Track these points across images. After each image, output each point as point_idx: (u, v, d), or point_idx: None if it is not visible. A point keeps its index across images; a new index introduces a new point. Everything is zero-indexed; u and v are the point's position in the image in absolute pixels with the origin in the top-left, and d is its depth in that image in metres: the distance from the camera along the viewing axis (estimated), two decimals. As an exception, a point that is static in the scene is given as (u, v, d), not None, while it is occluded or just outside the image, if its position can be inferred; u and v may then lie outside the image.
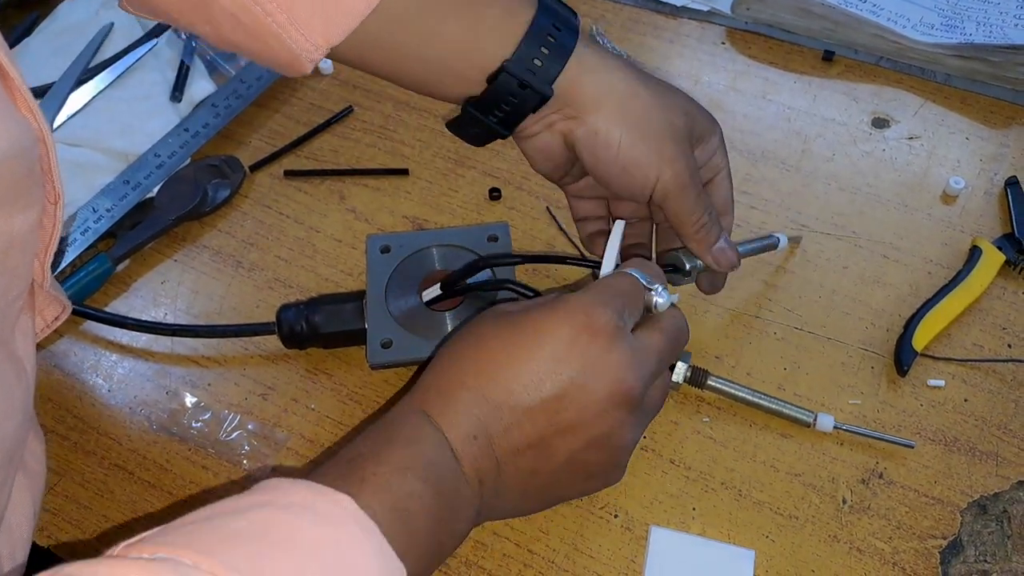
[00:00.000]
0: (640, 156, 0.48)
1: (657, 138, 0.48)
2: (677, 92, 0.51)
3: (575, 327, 0.42)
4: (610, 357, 0.43)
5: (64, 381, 0.58)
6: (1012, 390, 0.56)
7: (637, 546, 0.51)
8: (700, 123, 0.50)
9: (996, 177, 0.67)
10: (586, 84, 0.48)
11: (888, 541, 0.51)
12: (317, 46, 0.46)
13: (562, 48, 0.47)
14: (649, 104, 0.48)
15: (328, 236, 0.65)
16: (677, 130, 0.48)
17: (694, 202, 0.50)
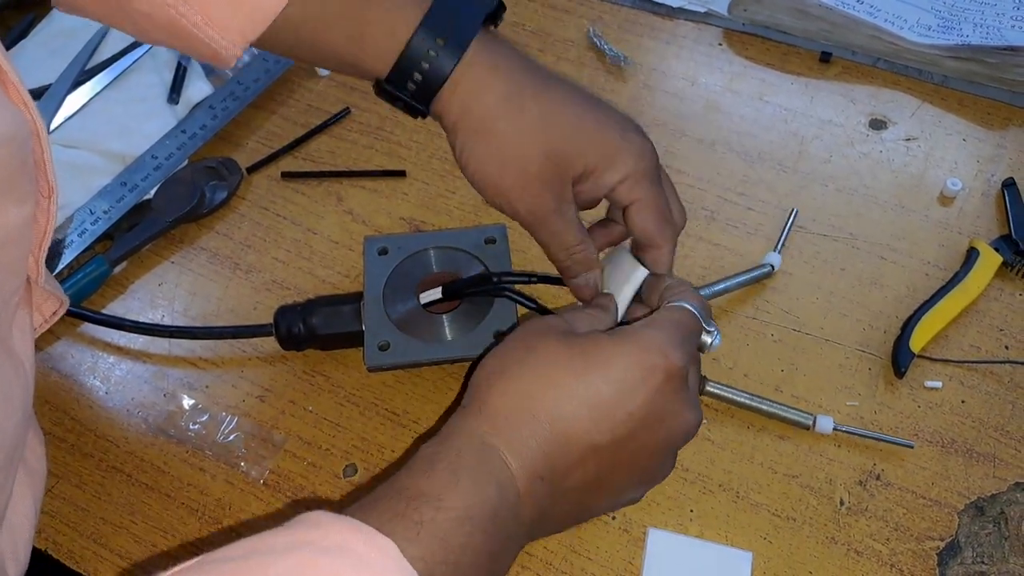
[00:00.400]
0: (485, 181, 0.48)
1: (500, 175, 0.47)
2: (561, 120, 0.47)
3: (650, 367, 0.41)
4: (678, 400, 0.43)
5: (61, 383, 0.58)
6: (1009, 391, 0.57)
7: (635, 548, 0.51)
8: (585, 156, 0.47)
9: (993, 178, 0.67)
10: (455, 105, 0.47)
11: (886, 543, 0.51)
12: (234, 43, 0.47)
13: (438, 71, 0.46)
14: (500, 140, 0.46)
15: (325, 238, 0.65)
16: (527, 171, 0.46)
17: (548, 238, 0.48)
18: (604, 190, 0.48)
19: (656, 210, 0.48)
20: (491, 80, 0.46)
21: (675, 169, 0.68)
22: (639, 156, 0.47)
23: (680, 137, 0.70)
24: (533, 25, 0.79)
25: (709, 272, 0.62)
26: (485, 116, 0.47)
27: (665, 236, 0.49)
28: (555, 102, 0.47)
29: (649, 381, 0.41)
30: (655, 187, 0.48)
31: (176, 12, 0.46)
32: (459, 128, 0.47)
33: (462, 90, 0.47)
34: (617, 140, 0.47)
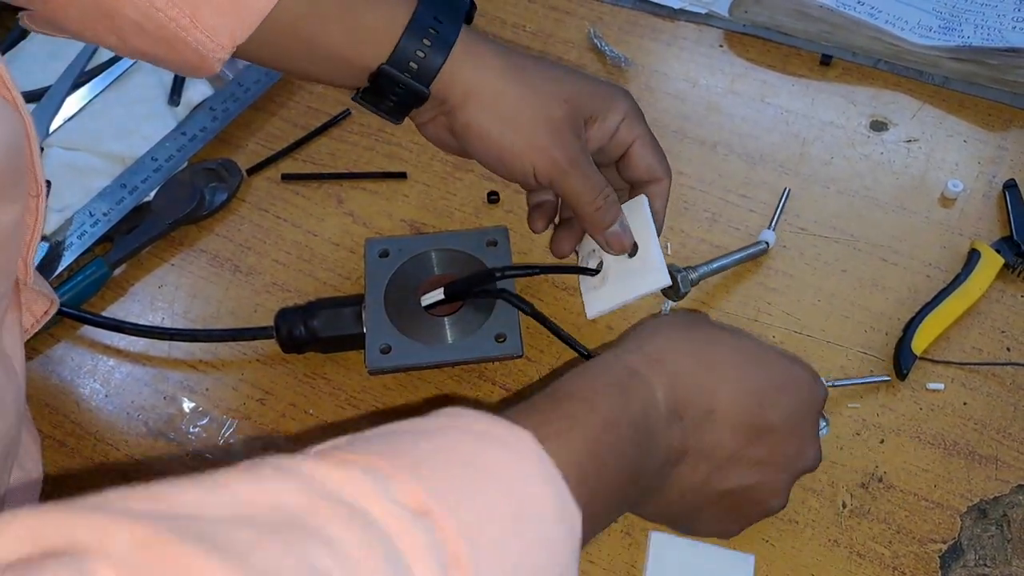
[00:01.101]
0: (512, 147, 0.50)
1: (528, 129, 0.50)
2: (561, 78, 0.52)
3: (807, 382, 0.46)
4: (812, 426, 0.47)
5: (61, 386, 0.58)
6: (1011, 393, 0.56)
7: (637, 551, 0.51)
8: (589, 104, 0.52)
9: (994, 180, 0.67)
10: (459, 82, 0.50)
11: (888, 545, 0.51)
12: (222, 46, 0.48)
13: (438, 50, 0.49)
14: (519, 97, 0.50)
15: (326, 240, 0.65)
16: (552, 119, 0.50)
17: (581, 185, 0.51)
18: (610, 131, 0.53)
19: (654, 143, 0.55)
20: (488, 57, 0.50)
21: (676, 171, 0.67)
22: (627, 99, 0.54)
23: (681, 139, 0.70)
24: (533, 26, 0.79)
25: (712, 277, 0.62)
26: (495, 87, 0.50)
27: (665, 167, 0.55)
28: (547, 66, 0.53)
29: (801, 391, 0.46)
30: (646, 125, 0.54)
31: (165, 16, 0.46)
32: (469, 106, 0.50)
33: (463, 68, 0.50)
34: (607, 87, 0.53)
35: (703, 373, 0.43)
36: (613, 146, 0.54)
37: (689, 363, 0.43)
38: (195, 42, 0.47)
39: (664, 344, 0.44)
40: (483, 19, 0.79)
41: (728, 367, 0.44)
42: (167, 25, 0.46)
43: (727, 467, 0.44)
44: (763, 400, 0.44)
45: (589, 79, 0.53)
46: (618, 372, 0.42)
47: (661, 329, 0.46)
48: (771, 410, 0.44)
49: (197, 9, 0.46)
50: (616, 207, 0.53)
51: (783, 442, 0.45)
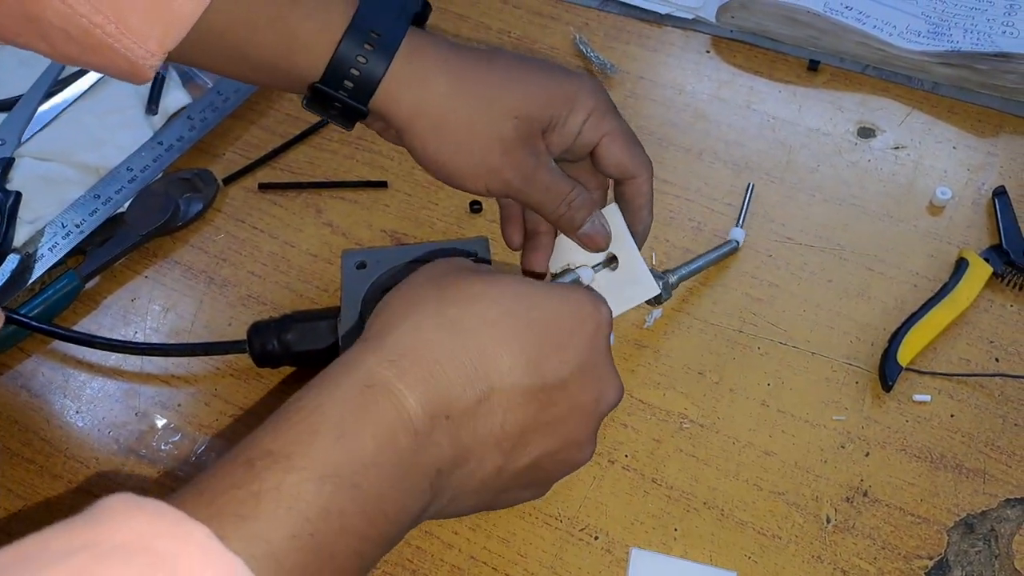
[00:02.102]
0: (462, 169, 0.47)
1: (478, 152, 0.47)
2: (511, 86, 0.47)
3: (584, 314, 0.41)
4: (607, 359, 0.42)
5: (31, 402, 0.57)
6: (1000, 405, 0.55)
7: (618, 568, 0.50)
8: (545, 111, 0.47)
9: (984, 187, 0.66)
10: (402, 102, 0.46)
11: (873, 562, 0.50)
12: (152, 53, 0.45)
13: (376, 65, 0.45)
14: (466, 118, 0.46)
15: (303, 251, 0.64)
16: (503, 139, 0.47)
17: (540, 198, 0.48)
18: (572, 134, 0.49)
19: (625, 138, 0.49)
20: (433, 69, 0.46)
21: (662, 179, 0.67)
22: (593, 92, 0.49)
23: (667, 147, 0.69)
24: (519, 32, 0.78)
25: (695, 283, 0.61)
26: (440, 105, 0.46)
27: (640, 163, 0.50)
28: (500, 70, 0.47)
29: (584, 328, 0.40)
30: (618, 119, 0.49)
31: (89, 22, 0.43)
32: (416, 126, 0.47)
33: (405, 86, 0.46)
34: (568, 83, 0.48)
35: (465, 351, 0.37)
36: (579, 147, 0.50)
37: (446, 344, 0.37)
38: (124, 49, 0.44)
39: (410, 330, 0.37)
40: (467, 24, 0.78)
41: (494, 332, 0.38)
42: (92, 31, 0.43)
43: (520, 445, 0.40)
44: (544, 356, 0.39)
45: (546, 77, 0.48)
46: (345, 393, 0.35)
47: (405, 306, 0.39)
48: (557, 364, 0.39)
49: (123, 15, 0.43)
50: (585, 207, 0.49)
51: (578, 392, 0.41)
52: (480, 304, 0.39)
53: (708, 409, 0.56)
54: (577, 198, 0.49)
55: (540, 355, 0.39)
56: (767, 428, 0.55)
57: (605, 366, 0.42)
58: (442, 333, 0.37)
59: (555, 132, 0.48)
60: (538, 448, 0.41)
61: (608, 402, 0.43)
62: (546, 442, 0.41)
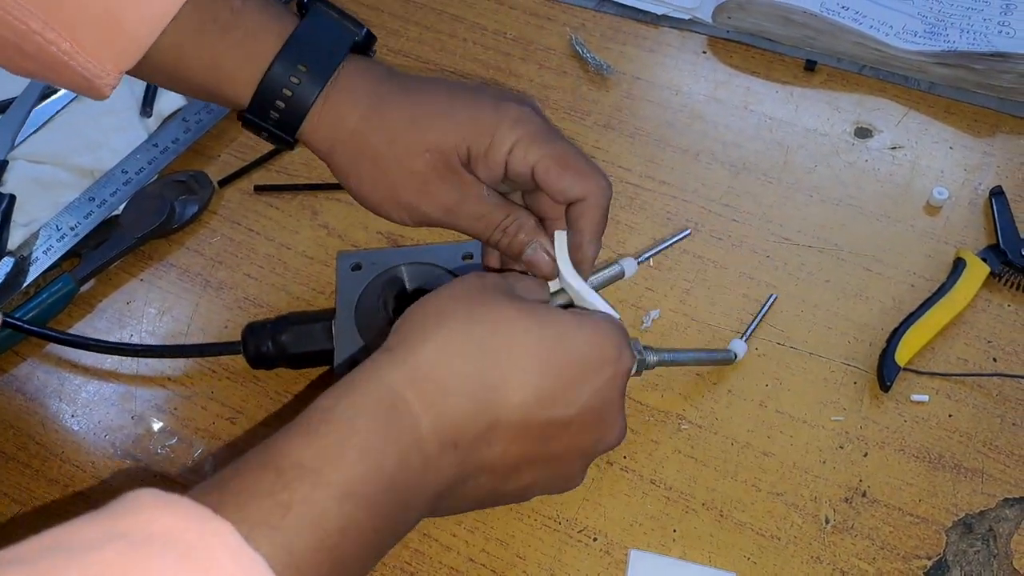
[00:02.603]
0: (383, 203, 0.47)
1: (393, 187, 0.46)
2: (425, 120, 0.46)
3: (606, 358, 0.40)
4: (617, 405, 0.42)
5: (26, 406, 0.57)
6: (997, 405, 0.55)
7: (616, 570, 0.50)
8: (462, 143, 0.45)
9: (980, 187, 0.66)
10: (321, 136, 0.46)
11: (872, 562, 0.50)
12: (108, 72, 0.45)
13: (300, 100, 0.45)
14: (376, 152, 0.46)
15: (299, 253, 0.63)
16: (415, 174, 0.45)
17: (472, 225, 0.47)
18: (499, 164, 0.46)
19: (559, 161, 0.45)
20: (353, 101, 0.46)
21: (659, 180, 0.67)
22: (518, 120, 0.45)
23: (664, 147, 0.69)
24: (515, 32, 0.78)
25: (693, 285, 0.61)
26: (355, 138, 0.46)
27: (580, 185, 0.46)
28: (419, 101, 0.46)
29: (601, 373, 0.40)
30: (551, 143, 0.46)
31: (43, 39, 0.43)
32: (335, 158, 0.47)
33: (326, 119, 0.46)
34: (491, 114, 0.45)
35: (482, 380, 0.37)
36: (514, 177, 0.47)
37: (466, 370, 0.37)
38: (79, 67, 0.44)
39: (435, 350, 0.37)
40: (462, 25, 0.78)
41: (514, 363, 0.38)
42: (47, 48, 0.43)
43: (514, 473, 0.40)
44: (555, 394, 0.39)
45: (469, 108, 0.46)
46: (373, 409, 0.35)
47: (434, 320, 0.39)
48: (565, 404, 0.39)
49: (76, 34, 0.43)
50: (523, 233, 0.47)
51: (579, 432, 0.41)
52: (508, 331, 0.38)
53: (706, 410, 0.55)
54: (511, 225, 0.47)
55: (552, 392, 0.39)
56: (765, 429, 0.55)
57: (612, 411, 0.42)
58: (464, 358, 0.37)
59: (479, 163, 0.46)
60: (530, 477, 0.42)
61: (607, 444, 0.44)
62: (539, 473, 0.42)
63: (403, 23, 0.78)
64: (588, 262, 0.48)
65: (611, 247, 0.63)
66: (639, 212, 0.65)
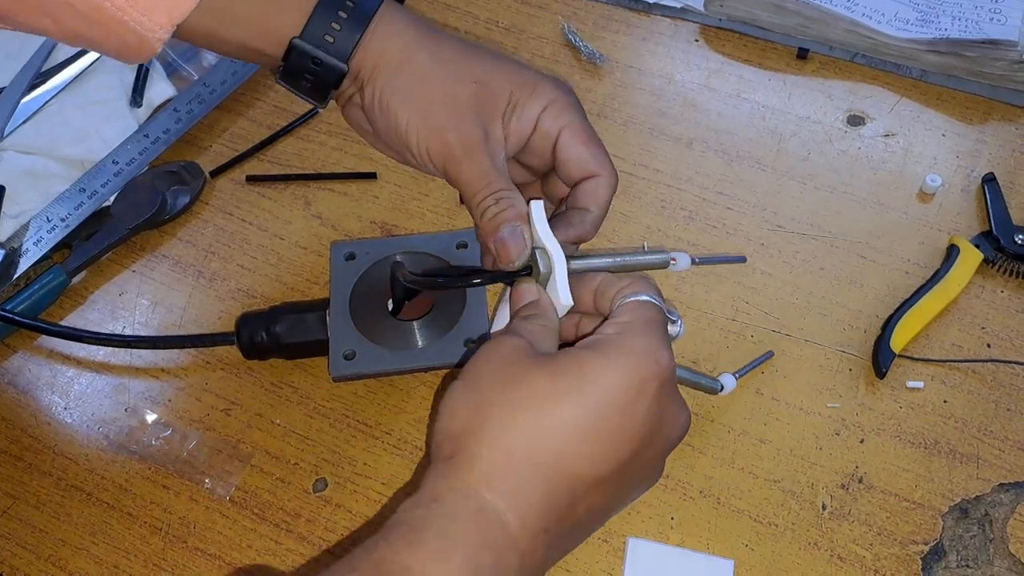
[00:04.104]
0: (408, 123, 0.46)
1: (427, 106, 0.46)
2: (478, 58, 0.47)
3: (644, 377, 0.38)
4: (672, 403, 0.40)
5: (18, 399, 0.56)
6: (992, 391, 0.56)
7: (615, 559, 0.50)
8: (505, 89, 0.47)
9: (973, 174, 0.66)
10: (370, 54, 0.47)
11: (869, 548, 0.50)
12: (162, 25, 0.45)
13: (355, 22, 0.46)
14: (424, 71, 0.46)
15: (293, 243, 0.63)
16: (456, 98, 0.46)
17: (469, 175, 0.46)
18: (530, 123, 0.47)
19: (585, 132, 0.47)
20: (406, 23, 0.47)
21: (652, 168, 0.67)
22: (557, 86, 0.48)
23: (657, 136, 0.69)
24: (507, 21, 0.77)
25: (688, 273, 0.61)
26: (404, 53, 0.46)
27: (600, 161, 0.47)
28: (470, 46, 0.48)
29: (646, 393, 0.38)
30: (580, 115, 0.48)
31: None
32: (376, 75, 0.47)
33: (377, 37, 0.46)
34: (533, 74, 0.48)
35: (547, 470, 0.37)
36: (538, 139, 0.47)
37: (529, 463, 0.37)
38: (132, 22, 0.44)
39: (493, 452, 0.37)
40: (455, 14, 0.77)
41: (568, 431, 0.37)
42: (102, 5, 0.43)
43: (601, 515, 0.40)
44: (617, 443, 0.38)
45: (516, 66, 0.48)
46: (464, 515, 0.36)
47: (475, 414, 0.38)
48: (630, 440, 0.38)
49: None
50: (509, 212, 0.45)
51: (649, 451, 0.40)
52: (549, 404, 0.37)
53: (703, 398, 0.55)
54: (507, 197, 0.45)
55: (611, 444, 0.38)
56: (762, 416, 0.55)
57: (672, 409, 0.40)
58: (522, 448, 0.37)
59: (514, 116, 0.47)
60: (618, 503, 0.41)
61: (677, 439, 0.42)
62: (625, 496, 0.41)
63: (394, 12, 0.78)
64: (582, 240, 0.48)
65: (605, 236, 0.62)
66: (633, 201, 0.65)
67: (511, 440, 0.37)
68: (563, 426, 0.37)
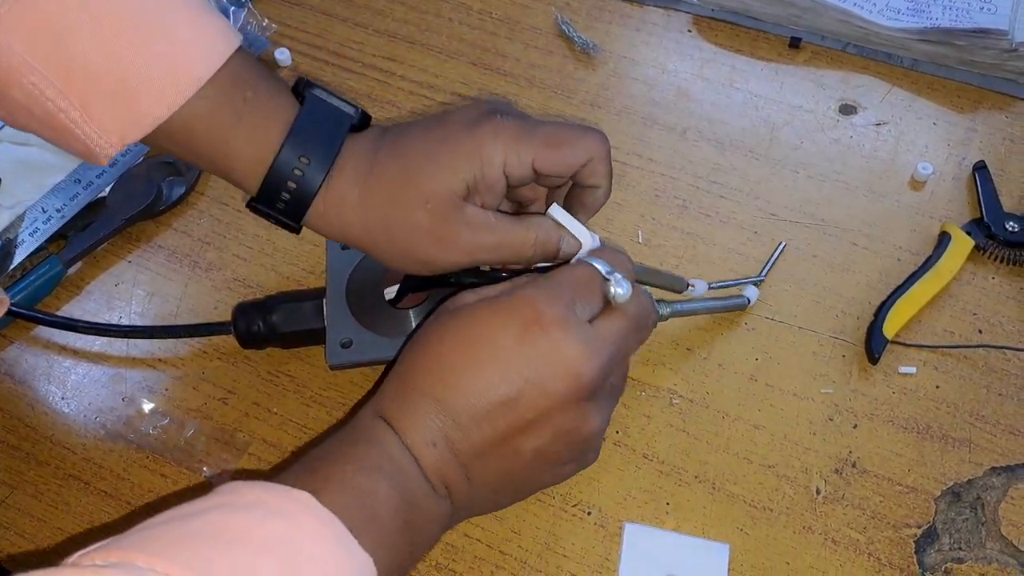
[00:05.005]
0: (408, 264, 0.48)
1: (408, 245, 0.47)
2: (416, 176, 0.46)
3: (523, 323, 0.42)
4: (562, 350, 0.42)
5: (15, 389, 0.56)
6: (984, 376, 0.56)
7: (611, 543, 0.50)
8: (457, 180, 0.46)
9: (964, 162, 0.67)
10: (330, 221, 0.48)
11: (863, 531, 0.50)
12: (112, 144, 0.45)
13: (304, 190, 0.46)
14: (383, 221, 0.47)
15: (288, 233, 0.63)
16: (423, 227, 0.46)
17: (502, 254, 0.48)
18: (500, 182, 0.47)
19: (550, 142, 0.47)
20: (353, 180, 0.47)
21: (646, 157, 0.67)
22: (495, 133, 0.46)
23: (651, 125, 0.69)
24: (500, 13, 0.77)
25: (682, 261, 0.61)
26: (360, 213, 0.47)
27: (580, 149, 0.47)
28: (406, 154, 0.47)
29: (524, 338, 0.41)
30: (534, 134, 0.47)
31: (54, 106, 0.43)
32: (349, 236, 0.48)
33: (331, 202, 0.47)
34: (469, 142, 0.46)
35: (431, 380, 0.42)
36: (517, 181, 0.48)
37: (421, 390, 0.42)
38: (84, 136, 0.45)
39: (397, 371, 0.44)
40: (448, 5, 0.78)
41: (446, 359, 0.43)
42: (56, 115, 0.44)
43: (509, 445, 0.43)
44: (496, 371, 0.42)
45: (448, 146, 0.46)
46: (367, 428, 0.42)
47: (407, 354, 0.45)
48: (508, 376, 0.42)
49: (89, 105, 0.44)
50: (552, 236, 0.48)
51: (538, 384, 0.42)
52: (433, 345, 0.43)
53: (697, 384, 0.56)
54: (540, 234, 0.47)
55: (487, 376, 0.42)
56: (756, 402, 0.55)
57: (560, 360, 0.42)
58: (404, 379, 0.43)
59: (480, 189, 0.47)
60: (530, 446, 0.43)
61: (580, 390, 0.43)
62: (534, 439, 0.43)
63: (388, 2, 0.78)
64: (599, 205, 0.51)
65: (599, 224, 0.63)
66: (627, 190, 0.65)
67: (400, 374, 0.44)
68: (437, 362, 0.43)
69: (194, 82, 0.44)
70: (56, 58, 0.42)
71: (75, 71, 0.43)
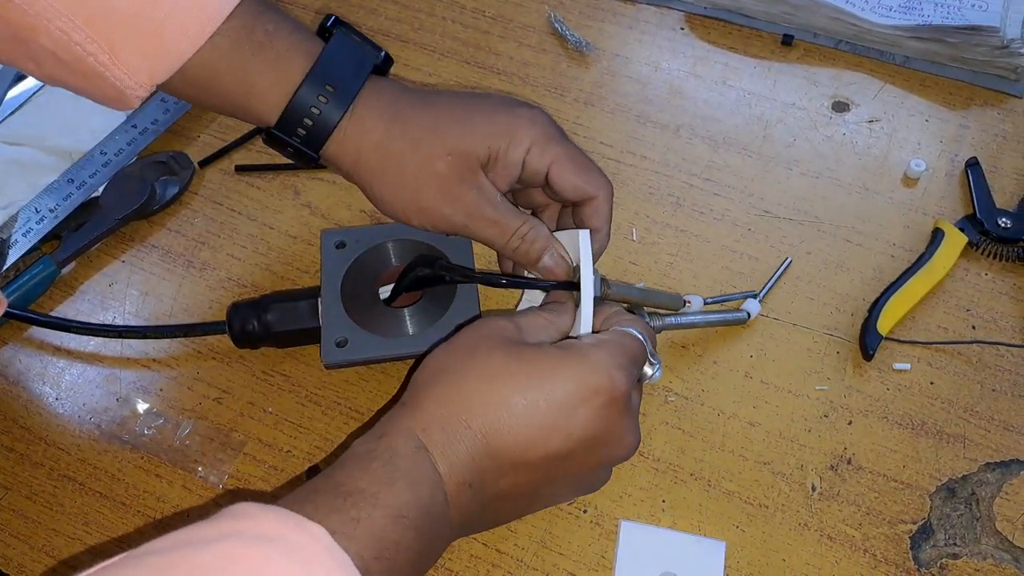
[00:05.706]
0: (406, 209, 0.49)
1: (416, 191, 0.48)
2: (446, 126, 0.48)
3: (595, 387, 0.42)
4: (619, 424, 0.43)
5: (9, 390, 0.56)
6: (977, 372, 0.56)
7: (607, 541, 0.50)
8: (481, 146, 0.48)
9: (957, 158, 0.67)
10: (347, 149, 0.49)
11: (858, 527, 0.51)
12: (142, 84, 0.47)
13: (327, 118, 0.48)
14: (401, 159, 0.48)
15: (283, 233, 0.63)
16: (438, 177, 0.48)
17: (487, 234, 0.49)
18: (516, 166, 0.49)
19: (573, 160, 0.50)
20: (376, 115, 0.48)
21: (639, 155, 0.67)
22: (532, 122, 0.49)
23: (644, 123, 0.69)
24: (493, 11, 0.77)
25: (676, 259, 0.62)
26: (379, 147, 0.48)
27: (593, 183, 0.50)
28: (438, 111, 0.49)
29: (592, 402, 0.42)
30: (565, 144, 0.50)
31: (83, 50, 0.44)
32: (359, 168, 0.49)
33: (351, 134, 0.48)
34: (506, 117, 0.49)
35: (478, 435, 0.41)
36: (529, 176, 0.50)
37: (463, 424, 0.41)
38: (113, 78, 0.46)
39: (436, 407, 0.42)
40: (441, 3, 0.77)
41: (505, 412, 0.41)
42: (85, 59, 0.45)
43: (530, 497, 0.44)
44: (548, 433, 0.42)
45: (484, 113, 0.49)
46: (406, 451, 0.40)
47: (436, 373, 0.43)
48: (563, 438, 0.42)
49: (116, 46, 0.45)
50: (540, 240, 0.49)
51: (585, 457, 0.43)
52: (496, 383, 0.42)
53: (692, 382, 0.56)
54: (530, 231, 0.49)
55: (542, 431, 0.41)
56: (751, 399, 0.55)
57: (616, 430, 0.44)
58: (458, 406, 0.41)
59: (498, 165, 0.49)
60: (549, 493, 0.45)
61: (619, 457, 0.45)
62: (557, 488, 0.45)
63: (381, 1, 0.78)
64: (600, 253, 0.52)
65: (595, 223, 0.63)
66: (621, 188, 0.65)
67: (453, 402, 0.42)
68: (500, 405, 0.41)
69: (216, 16, 0.46)
70: (81, 2, 0.43)
71: (100, 13, 0.44)
